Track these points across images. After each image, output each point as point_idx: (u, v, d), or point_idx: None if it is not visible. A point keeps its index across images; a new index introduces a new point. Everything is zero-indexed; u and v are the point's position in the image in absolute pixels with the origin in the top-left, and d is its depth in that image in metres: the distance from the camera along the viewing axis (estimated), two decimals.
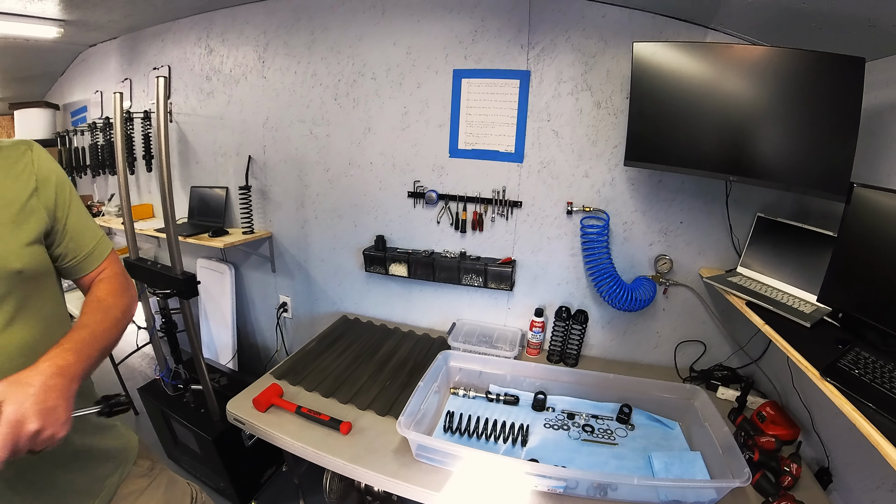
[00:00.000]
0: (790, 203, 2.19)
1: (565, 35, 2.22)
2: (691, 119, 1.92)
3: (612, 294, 2.29)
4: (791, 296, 1.87)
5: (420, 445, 1.70)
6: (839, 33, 1.73)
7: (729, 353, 2.45)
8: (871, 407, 1.20)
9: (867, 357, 1.40)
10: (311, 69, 2.61)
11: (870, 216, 1.50)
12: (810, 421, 1.91)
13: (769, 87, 1.77)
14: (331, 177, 2.73)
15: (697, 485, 1.61)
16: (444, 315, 2.76)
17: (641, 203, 2.33)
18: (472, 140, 2.43)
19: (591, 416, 2.06)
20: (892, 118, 1.66)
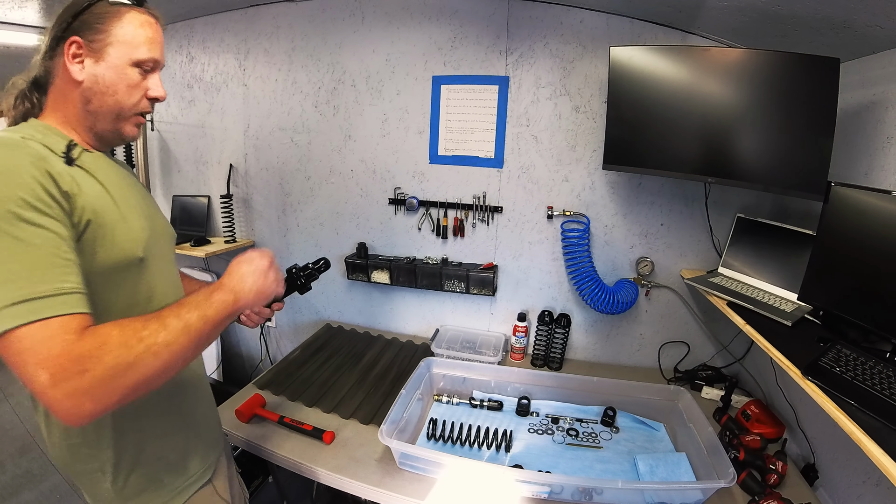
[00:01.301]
0: (769, 203, 2.22)
1: (543, 41, 2.24)
2: (669, 122, 1.94)
3: (595, 297, 2.30)
4: (772, 295, 1.88)
5: (403, 454, 1.68)
6: (814, 35, 1.75)
7: (713, 353, 2.47)
8: (852, 405, 1.20)
9: (848, 354, 1.41)
10: (292, 77, 2.61)
11: (848, 214, 1.52)
12: (795, 418, 1.93)
13: (746, 88, 1.79)
14: (312, 185, 2.72)
15: (683, 486, 1.61)
16: (427, 321, 2.75)
17: (622, 206, 2.35)
18: (451, 146, 2.44)
19: (575, 419, 2.06)
20: (867, 118, 1.69)
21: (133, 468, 1.12)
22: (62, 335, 0.78)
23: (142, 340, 0.84)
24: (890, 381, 1.28)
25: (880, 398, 1.22)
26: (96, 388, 0.79)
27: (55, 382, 0.75)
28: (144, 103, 1.12)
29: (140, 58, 1.07)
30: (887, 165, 1.59)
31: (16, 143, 0.90)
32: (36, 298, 0.77)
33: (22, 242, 0.79)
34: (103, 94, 1.05)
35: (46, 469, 2.76)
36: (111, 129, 1.10)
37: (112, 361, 0.80)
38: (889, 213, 1.40)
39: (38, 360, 0.75)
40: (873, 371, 1.33)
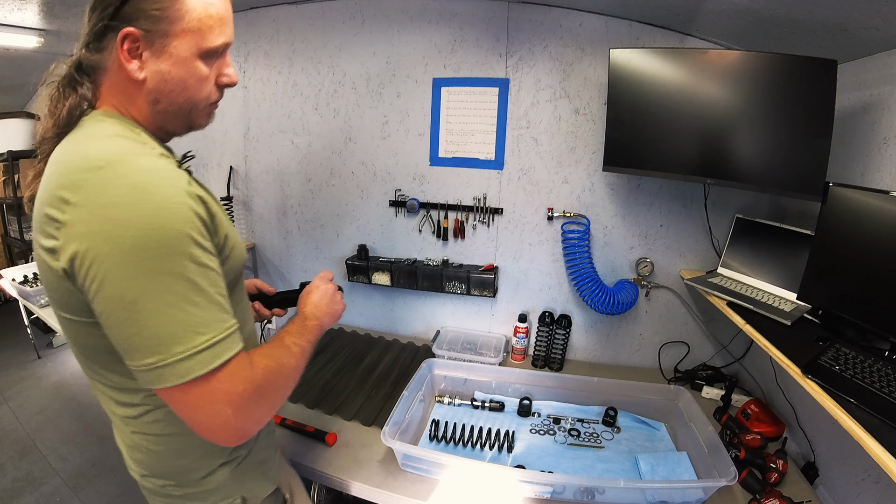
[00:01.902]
0: (768, 204, 2.23)
1: (543, 43, 2.24)
2: (668, 124, 1.94)
3: (595, 298, 2.31)
4: (771, 295, 1.89)
5: (405, 455, 1.69)
6: (811, 38, 1.76)
7: (712, 353, 2.48)
8: (852, 402, 1.22)
9: (847, 353, 1.42)
10: (292, 79, 2.60)
11: (846, 214, 1.54)
12: (795, 417, 1.94)
13: (744, 90, 1.80)
14: (312, 187, 2.72)
15: (684, 485, 1.63)
16: (427, 323, 2.77)
17: (621, 207, 2.36)
18: (452, 148, 2.44)
19: (576, 419, 2.07)
20: (864, 119, 1.70)
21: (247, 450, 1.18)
22: (241, 372, 0.84)
23: (287, 367, 0.99)
24: (889, 378, 1.29)
25: (880, 396, 1.23)
26: (266, 414, 0.93)
27: (238, 414, 0.84)
28: (216, 92, 1.00)
29: (210, 46, 0.91)
30: (883, 166, 1.61)
31: (165, 167, 0.82)
32: (219, 341, 0.81)
33: (195, 286, 0.79)
34: (172, 92, 0.92)
35: (47, 472, 2.76)
36: (184, 125, 1.00)
37: (277, 390, 0.94)
38: (886, 212, 1.41)
39: (225, 399, 0.82)
40: (872, 369, 1.34)
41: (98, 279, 0.74)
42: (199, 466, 1.07)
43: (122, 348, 0.79)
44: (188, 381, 0.78)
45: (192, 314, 0.78)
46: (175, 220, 0.77)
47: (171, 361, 0.76)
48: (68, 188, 0.75)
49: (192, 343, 0.77)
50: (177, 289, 0.77)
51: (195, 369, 0.77)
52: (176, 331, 0.76)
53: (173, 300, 0.76)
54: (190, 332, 0.77)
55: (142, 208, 0.75)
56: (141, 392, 0.95)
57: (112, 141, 0.85)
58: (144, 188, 0.76)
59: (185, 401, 0.81)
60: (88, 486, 2.69)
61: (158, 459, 1.04)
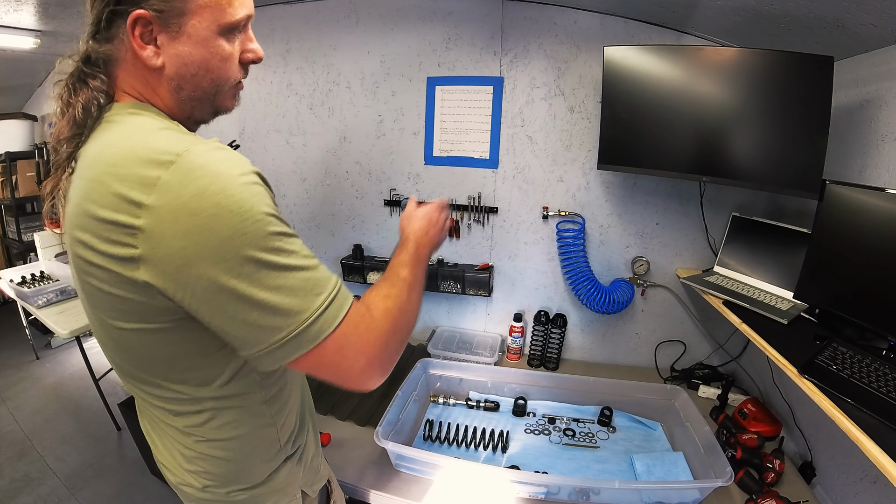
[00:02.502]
0: (765, 202, 2.23)
1: (538, 41, 2.24)
2: (663, 121, 1.94)
3: (590, 297, 2.31)
4: (768, 293, 1.89)
5: (399, 455, 1.69)
6: (808, 34, 1.75)
7: (709, 352, 2.48)
8: (849, 403, 1.21)
9: (845, 352, 1.41)
10: (287, 79, 2.60)
11: (843, 212, 1.53)
12: (792, 416, 1.93)
13: (740, 87, 1.79)
14: (307, 187, 2.71)
15: (679, 486, 1.62)
16: (423, 323, 2.76)
17: (617, 206, 2.36)
18: (446, 147, 2.44)
19: (571, 419, 2.07)
20: (861, 116, 1.69)
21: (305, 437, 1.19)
22: (363, 321, 0.84)
23: (408, 303, 0.96)
24: (887, 378, 1.29)
25: (877, 396, 1.23)
26: (393, 356, 0.91)
27: (371, 362, 0.84)
28: (241, 71, 0.92)
29: (232, 20, 0.84)
30: (881, 163, 1.60)
31: (230, 151, 0.79)
32: (336, 294, 0.80)
33: (294, 254, 0.78)
34: (195, 76, 0.85)
35: (44, 472, 2.77)
36: (210, 110, 0.94)
37: (401, 330, 0.92)
38: (883, 210, 1.41)
39: (356, 351, 0.82)
40: (870, 369, 1.33)
41: (201, 277, 0.72)
42: (267, 465, 1.07)
43: (240, 339, 0.78)
44: (322, 342, 0.78)
45: (304, 280, 0.77)
46: (260, 198, 0.74)
47: (302, 329, 0.76)
48: (136, 188, 0.70)
49: (314, 305, 0.77)
50: (283, 261, 0.75)
51: (325, 329, 0.77)
52: (296, 300, 0.76)
53: (284, 274, 0.75)
54: (310, 296, 0.77)
55: (231, 193, 0.71)
56: (207, 398, 0.93)
57: (166, 133, 0.79)
58: (227, 173, 0.72)
59: (320, 363, 0.81)
60: (86, 486, 2.69)
61: (226, 465, 1.02)
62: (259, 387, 0.98)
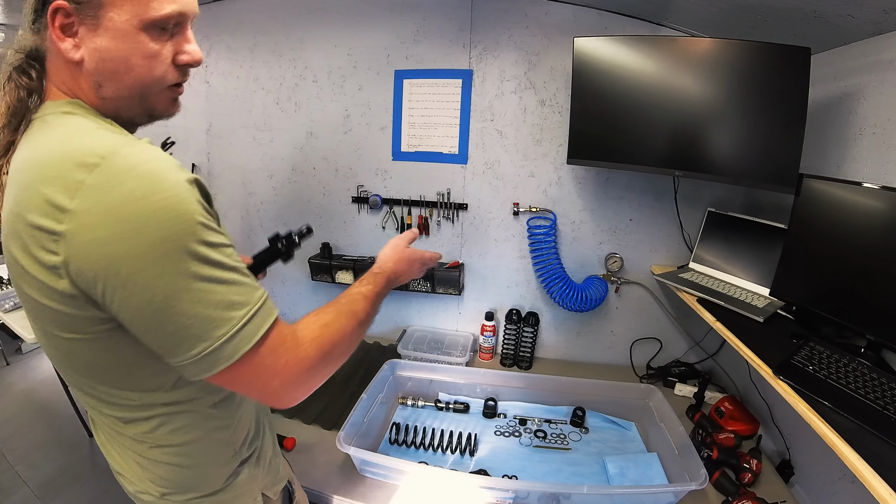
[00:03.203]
0: (741, 197, 2.22)
1: (508, 33, 2.21)
2: (635, 114, 1.92)
3: (563, 295, 2.28)
4: (744, 290, 1.88)
5: (363, 461, 1.65)
6: (786, 26, 1.75)
7: (685, 349, 2.48)
8: (826, 406, 1.19)
9: (822, 351, 1.40)
10: (254, 73, 2.54)
11: (820, 207, 1.55)
12: (769, 414, 1.94)
13: (715, 79, 1.79)
14: (275, 184, 2.66)
15: (652, 490, 1.61)
16: (394, 322, 2.72)
17: (589, 202, 2.34)
18: (415, 142, 2.40)
19: (543, 420, 2.04)
20: (839, 110, 1.69)
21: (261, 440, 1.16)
22: (282, 344, 0.80)
23: (347, 337, 0.93)
24: (865, 379, 1.27)
25: (855, 398, 1.21)
26: (315, 381, 0.87)
27: (285, 386, 0.81)
28: (174, 73, 0.85)
29: (155, 15, 0.77)
30: (859, 157, 1.60)
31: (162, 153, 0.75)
32: (257, 311, 0.77)
33: (220, 264, 0.74)
34: (115, 73, 0.79)
35: (15, 482, 2.69)
36: (141, 112, 0.86)
37: (329, 361, 0.88)
38: (861, 205, 1.42)
39: (270, 373, 0.79)
40: (847, 369, 1.32)
41: (122, 286, 0.69)
42: (224, 469, 1.04)
43: (162, 348, 0.75)
44: (235, 362, 0.75)
45: (225, 293, 0.74)
46: (188, 205, 0.71)
47: (218, 345, 0.73)
48: (61, 192, 0.67)
49: (232, 321, 0.73)
50: (205, 272, 0.72)
51: (240, 348, 0.74)
52: (214, 314, 0.72)
53: (204, 285, 0.72)
54: (228, 311, 0.73)
55: (155, 199, 0.68)
56: (157, 404, 0.91)
57: (97, 134, 0.75)
58: (154, 177, 0.69)
59: (237, 380, 0.79)
60: (57, 495, 2.62)
61: (182, 472, 0.99)
62: (206, 391, 0.94)
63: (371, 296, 1.05)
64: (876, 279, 1.36)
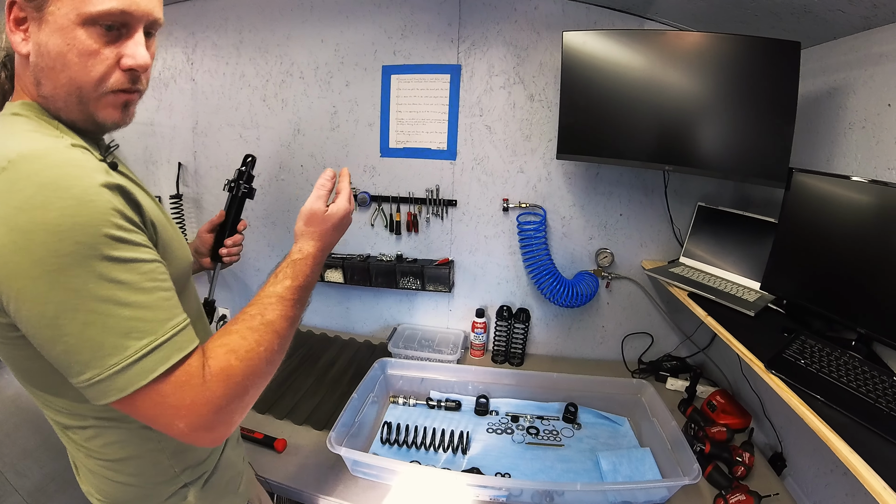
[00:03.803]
0: (731, 191, 2.25)
1: (497, 28, 2.21)
2: (625, 109, 1.93)
3: (554, 291, 2.29)
4: (735, 284, 1.90)
5: (355, 461, 1.64)
6: (775, 21, 1.76)
7: (677, 344, 2.50)
8: (818, 399, 1.20)
9: (813, 345, 1.42)
10: (240, 70, 2.52)
11: (810, 201, 1.57)
12: (761, 407, 1.96)
13: (704, 74, 1.80)
14: (262, 182, 2.61)
15: (645, 486, 1.61)
16: (384, 320, 2.72)
17: (579, 197, 2.34)
18: (403, 138, 2.39)
19: (535, 417, 2.04)
20: (829, 104, 1.71)
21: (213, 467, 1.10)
22: (188, 382, 0.73)
23: (263, 359, 0.82)
24: (856, 372, 1.29)
25: (846, 391, 1.22)
26: (232, 416, 0.79)
27: (193, 428, 0.73)
28: (118, 77, 0.80)
29: (93, 10, 0.73)
30: (849, 151, 1.61)
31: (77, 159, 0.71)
32: (162, 343, 0.71)
33: (124, 284, 0.69)
34: (51, 69, 0.76)
35: (5, 489, 2.65)
36: (80, 115, 0.81)
37: (245, 393, 0.79)
38: (850, 198, 1.44)
39: (173, 413, 0.72)
40: (839, 362, 1.33)
41: (16, 298, 0.66)
42: (160, 492, 0.99)
43: (58, 366, 0.70)
44: (130, 395, 0.69)
45: (125, 318, 0.68)
46: (92, 216, 0.67)
47: (108, 375, 0.67)
48: None
49: (127, 351, 0.67)
50: (103, 292, 0.67)
51: (134, 381, 0.68)
52: (107, 340, 0.67)
53: (100, 306, 0.67)
54: (124, 338, 0.68)
55: (53, 208, 0.64)
56: (88, 416, 0.87)
57: (16, 137, 0.73)
58: (54, 185, 0.65)
59: (137, 413, 0.72)
60: (48, 502, 2.59)
61: (118, 487, 0.96)
62: None
63: (290, 295, 0.92)
64: (866, 273, 1.37)
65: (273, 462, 1.73)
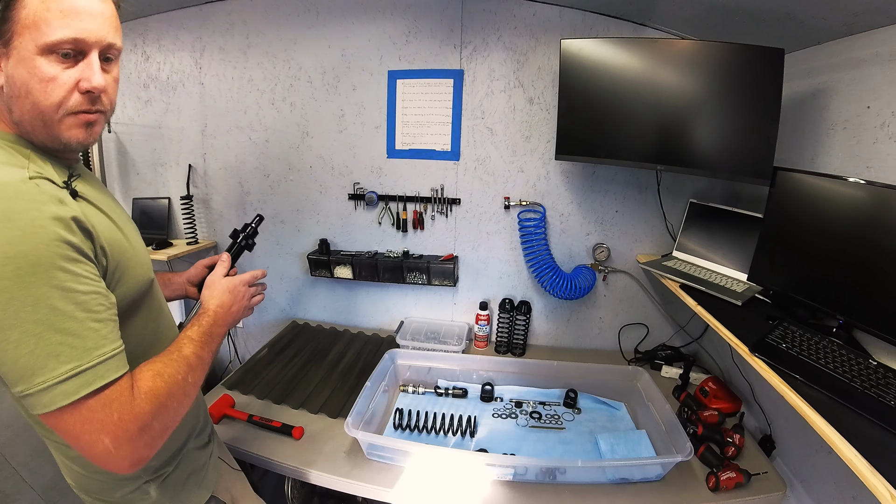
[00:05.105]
0: (721, 188, 2.32)
1: (497, 34, 2.28)
2: (619, 112, 2.00)
3: (553, 284, 2.37)
4: (724, 276, 1.97)
5: (370, 444, 1.72)
6: (762, 27, 1.84)
7: (671, 334, 2.57)
8: (798, 379, 1.27)
9: (795, 331, 1.49)
10: (248, 74, 2.59)
11: (793, 198, 1.62)
12: (751, 392, 2.02)
13: (694, 78, 1.87)
14: (271, 182, 2.71)
15: (641, 462, 1.69)
16: (391, 314, 2.80)
17: (577, 195, 2.42)
18: (408, 140, 2.47)
19: (538, 403, 2.12)
20: (813, 105, 1.78)
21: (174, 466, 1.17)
22: (117, 399, 0.80)
23: (181, 387, 0.92)
24: (835, 355, 1.36)
25: (824, 371, 1.29)
26: (154, 440, 0.86)
27: (118, 445, 0.79)
28: (77, 99, 0.87)
29: (48, 41, 0.81)
30: (832, 150, 1.68)
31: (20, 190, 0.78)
32: (85, 370, 0.77)
33: (60, 312, 0.75)
34: (18, 97, 0.84)
35: (20, 487, 2.69)
36: (47, 137, 0.89)
37: (166, 414, 0.88)
38: (830, 194, 1.50)
39: (100, 428, 0.78)
40: (819, 346, 1.40)
41: None
42: (118, 486, 1.07)
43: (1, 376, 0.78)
44: (56, 410, 0.75)
45: (55, 343, 0.75)
46: (35, 246, 0.74)
47: (35, 391, 0.74)
48: None
49: (53, 373, 0.74)
50: (38, 317, 0.74)
51: (56, 400, 0.74)
52: (36, 361, 0.74)
53: (34, 329, 0.73)
54: (52, 360, 0.74)
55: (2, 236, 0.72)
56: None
57: None
58: (3, 216, 0.73)
59: (62, 429, 0.78)
60: (63, 498, 2.56)
61: (83, 478, 1.06)
62: None
63: (198, 337, 1.04)
64: (847, 264, 1.44)
65: (291, 448, 1.79)
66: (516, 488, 1.65)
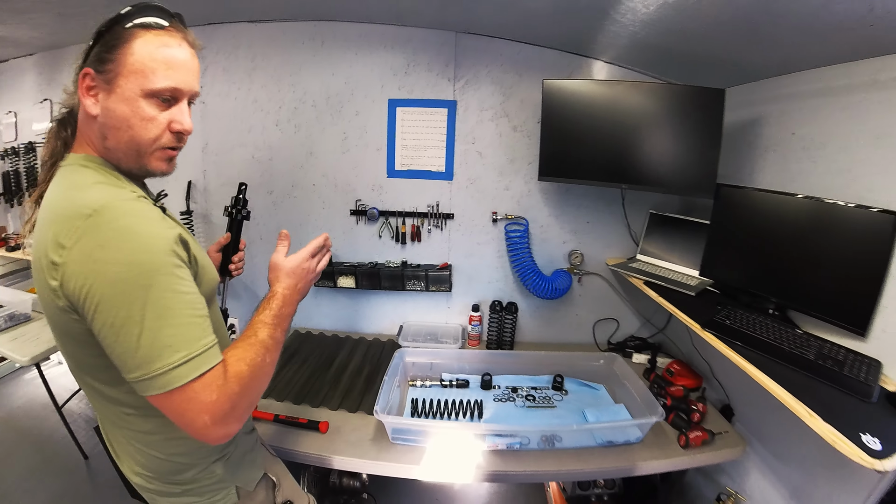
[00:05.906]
0: (677, 200, 2.63)
1: (486, 69, 2.53)
2: (591, 141, 2.29)
3: (536, 286, 2.63)
4: (680, 273, 2.30)
5: (395, 430, 1.91)
6: (707, 68, 2.16)
7: (638, 326, 2.89)
8: (740, 345, 1.61)
9: (738, 312, 1.83)
10: (252, 96, 2.66)
11: (733, 208, 1.99)
12: (710, 370, 2.32)
13: (650, 113, 2.17)
14: (274, 199, 2.80)
15: (624, 424, 1.99)
16: (391, 320, 2.94)
17: (554, 209, 2.70)
18: (407, 161, 2.68)
19: (531, 388, 2.37)
20: (751, 131, 2.11)
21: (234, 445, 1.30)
22: (215, 383, 0.92)
23: (261, 368, 1.02)
24: (769, 328, 1.71)
25: (760, 339, 1.65)
26: (242, 416, 0.98)
27: (215, 421, 0.91)
28: (168, 137, 1.02)
29: (153, 87, 0.96)
30: (766, 168, 2.01)
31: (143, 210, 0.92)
32: (194, 357, 0.90)
33: (171, 310, 0.89)
34: (117, 129, 0.97)
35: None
36: (136, 165, 1.02)
37: (251, 393, 0.99)
38: (764, 203, 1.85)
39: (201, 407, 0.90)
40: (755, 322, 1.76)
41: (92, 309, 0.86)
42: (194, 464, 1.19)
43: (116, 364, 0.90)
44: (168, 392, 0.88)
45: (169, 335, 0.88)
46: (153, 255, 0.88)
47: (153, 375, 0.87)
48: (64, 235, 0.86)
49: (168, 360, 0.87)
50: (155, 313, 0.87)
51: (172, 382, 0.87)
52: (154, 350, 0.86)
53: (153, 324, 0.87)
54: (167, 350, 0.87)
55: (123, 248, 0.86)
56: (133, 403, 1.06)
57: (95, 189, 0.94)
58: (127, 231, 0.87)
59: (169, 407, 0.90)
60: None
61: (155, 461, 1.15)
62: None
63: (270, 321, 1.11)
64: (778, 258, 1.80)
65: (320, 441, 1.92)
66: (522, 456, 1.89)
